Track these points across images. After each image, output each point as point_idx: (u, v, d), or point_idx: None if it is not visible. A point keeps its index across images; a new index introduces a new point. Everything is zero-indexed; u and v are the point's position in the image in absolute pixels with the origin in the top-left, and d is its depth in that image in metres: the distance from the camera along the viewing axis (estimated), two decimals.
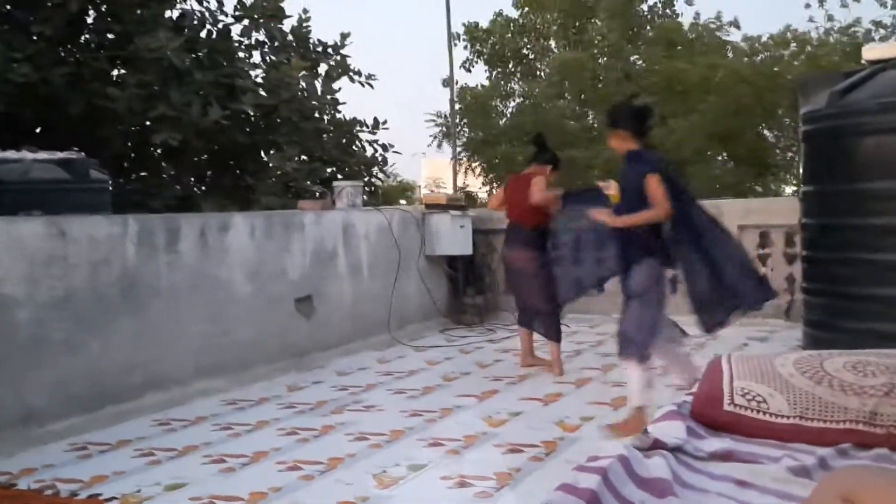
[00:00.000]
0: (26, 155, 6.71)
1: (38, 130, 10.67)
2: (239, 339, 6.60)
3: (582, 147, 21.38)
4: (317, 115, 12.89)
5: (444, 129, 24.46)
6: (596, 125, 22.60)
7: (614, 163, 20.04)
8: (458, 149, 24.03)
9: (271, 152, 12.27)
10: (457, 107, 23.58)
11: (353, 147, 13.25)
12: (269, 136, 12.20)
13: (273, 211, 8.85)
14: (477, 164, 23.81)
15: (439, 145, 24.89)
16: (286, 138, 12.13)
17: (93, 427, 5.25)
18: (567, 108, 23.39)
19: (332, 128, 13.20)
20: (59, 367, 5.24)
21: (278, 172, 12.04)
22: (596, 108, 22.62)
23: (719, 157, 22.72)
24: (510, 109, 24.35)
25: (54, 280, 5.26)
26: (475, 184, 24.37)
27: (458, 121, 23.87)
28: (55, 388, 5.22)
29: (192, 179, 12.45)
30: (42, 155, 6.82)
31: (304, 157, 12.73)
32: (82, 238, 5.46)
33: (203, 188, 12.48)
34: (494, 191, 24.12)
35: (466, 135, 24.11)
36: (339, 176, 12.49)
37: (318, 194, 11.60)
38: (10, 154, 6.81)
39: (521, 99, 23.97)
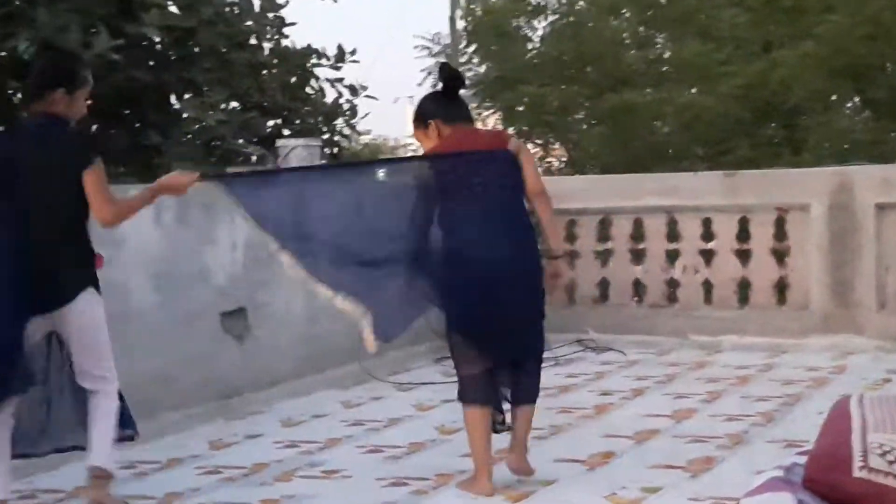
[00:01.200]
0: None
1: None
2: (139, 373, 6.60)
3: (646, 88, 21.40)
4: (253, 41, 12.89)
5: (443, 61, 24.43)
6: (667, 55, 22.61)
7: (690, 110, 20.12)
8: (464, 90, 24.05)
9: (186, 97, 12.25)
10: (461, 26, 23.57)
11: (307, 89, 13.25)
12: (183, 74, 12.18)
13: None
14: (491, 111, 23.81)
15: (434, 85, 24.87)
16: (208, 76, 12.11)
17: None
18: (625, 31, 23.40)
19: (275, 60, 13.19)
20: None
21: (196, 126, 12.02)
22: (668, 31, 22.63)
23: (848, 104, 22.74)
24: (540, 32, 24.34)
25: None
26: None
27: (463, 48, 23.84)
28: None
29: None
30: None
31: (234, 103, 12.73)
32: None
33: None
34: None
35: (475, 69, 24.10)
36: (286, 132, 12.49)
37: (254, 158, 11.62)
38: None
39: (557, 17, 23.95)
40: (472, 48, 24.02)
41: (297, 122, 13.02)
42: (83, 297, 4.86)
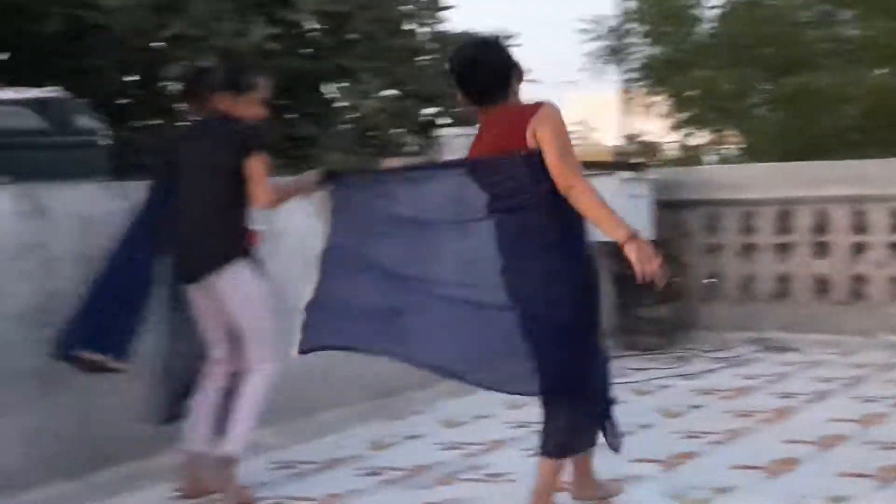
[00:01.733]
0: None
1: None
2: (297, 370, 6.71)
3: (831, 70, 20.93)
4: (410, 26, 13.00)
5: (608, 44, 24.32)
6: (852, 34, 22.07)
7: (878, 93, 19.64)
8: (630, 74, 23.88)
9: (341, 85, 12.39)
10: (627, 5, 23.42)
11: None
12: (338, 62, 12.34)
13: None
14: (660, 97, 23.60)
15: (600, 70, 24.77)
16: (363, 64, 12.23)
17: (84, 497, 5.45)
18: (805, 9, 22.93)
19: (432, 45, 13.29)
20: (35, 413, 5.46)
21: (352, 115, 12.16)
22: (853, 8, 22.10)
23: None
24: (713, 12, 24.01)
25: (29, 281, 5.48)
26: (656, 129, 24.20)
27: (629, 30, 23.70)
28: (29, 443, 5.44)
29: None
30: (8, 94, 7.08)
31: (391, 90, 12.85)
32: (69, 217, 5.67)
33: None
34: (690, 139, 23.86)
35: (642, 52, 23.94)
36: (447, 120, 12.58)
37: (413, 148, 11.73)
38: None
39: None
40: (640, 28, 23.84)
41: (456, 109, 13.10)
42: (230, 269, 5.25)
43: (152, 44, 11.18)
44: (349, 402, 7.03)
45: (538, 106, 4.70)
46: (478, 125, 4.88)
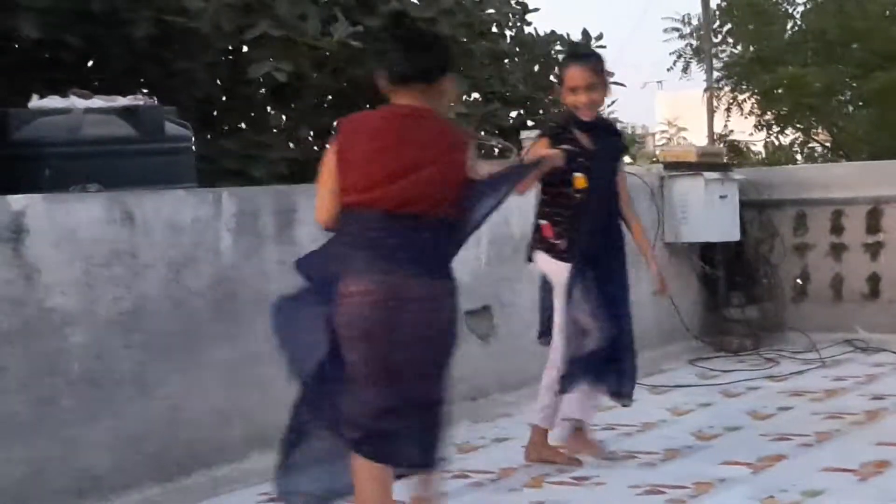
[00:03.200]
0: (74, 102, 7.07)
1: (88, 65, 11.20)
2: None
3: None
4: (494, 29, 13.02)
5: (694, 42, 24.14)
6: None
7: None
8: (717, 73, 23.68)
9: None
10: (715, 4, 23.22)
11: (552, 78, 13.29)
12: None
13: None
14: (747, 95, 23.37)
15: (685, 69, 24.59)
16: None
17: (175, 501, 5.54)
18: (894, 4, 22.59)
19: (517, 49, 13.29)
20: (126, 416, 5.56)
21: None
22: None
23: None
24: (799, 8, 23.74)
25: (119, 287, 5.59)
26: (744, 127, 23.97)
27: (716, 28, 23.50)
28: (122, 445, 5.54)
29: (312, 133, 12.80)
30: (96, 102, 7.18)
31: (475, 94, 12.88)
32: (157, 224, 5.77)
33: (327, 146, 12.80)
34: (778, 138, 23.58)
35: (730, 51, 23.71)
36: (530, 122, 12.56)
37: (497, 150, 11.74)
38: (52, 101, 7.19)
39: None
40: (727, 27, 23.63)
41: (541, 112, 13.08)
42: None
43: (237, 45, 11.23)
44: None
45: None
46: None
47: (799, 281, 9.87)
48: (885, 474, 5.59)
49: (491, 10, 12.73)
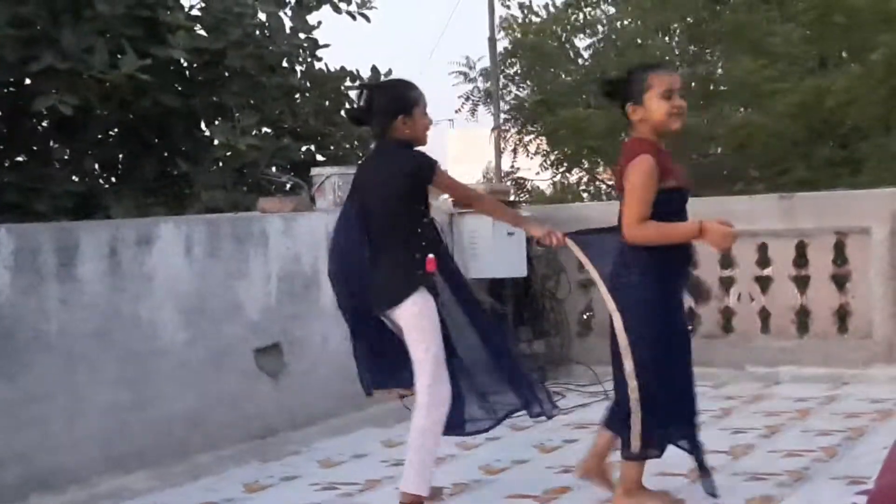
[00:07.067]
0: None
1: None
2: (169, 413, 6.64)
3: (696, 107, 21.27)
4: (285, 64, 12.98)
5: (481, 85, 24.43)
6: (718, 73, 22.45)
7: (744, 129, 19.95)
8: (504, 114, 24.04)
9: (216, 122, 12.34)
10: (501, 47, 23.55)
11: (342, 113, 13.32)
12: (213, 98, 12.27)
13: (220, 214, 8.92)
14: (533, 135, 23.79)
15: (473, 111, 24.88)
16: (238, 100, 12.20)
17: None
18: (669, 48, 23.30)
19: (308, 84, 13.28)
20: None
21: (226, 153, 12.09)
22: (716, 47, 22.50)
23: None
24: (585, 49, 24.18)
25: None
26: (530, 166, 24.38)
27: (504, 69, 23.84)
28: None
29: (97, 166, 12.55)
30: None
31: (265, 129, 12.81)
32: None
33: (113, 179, 12.58)
34: (565, 177, 24.03)
35: (514, 93, 24.07)
36: (320, 157, 12.55)
37: (288, 187, 11.68)
38: None
39: (604, 31, 23.78)
40: (513, 69, 24.00)
41: (332, 147, 13.08)
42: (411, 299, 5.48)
43: (19, 77, 10.93)
44: (223, 444, 6.95)
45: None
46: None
47: (584, 316, 10.05)
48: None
49: (281, 45, 12.68)
